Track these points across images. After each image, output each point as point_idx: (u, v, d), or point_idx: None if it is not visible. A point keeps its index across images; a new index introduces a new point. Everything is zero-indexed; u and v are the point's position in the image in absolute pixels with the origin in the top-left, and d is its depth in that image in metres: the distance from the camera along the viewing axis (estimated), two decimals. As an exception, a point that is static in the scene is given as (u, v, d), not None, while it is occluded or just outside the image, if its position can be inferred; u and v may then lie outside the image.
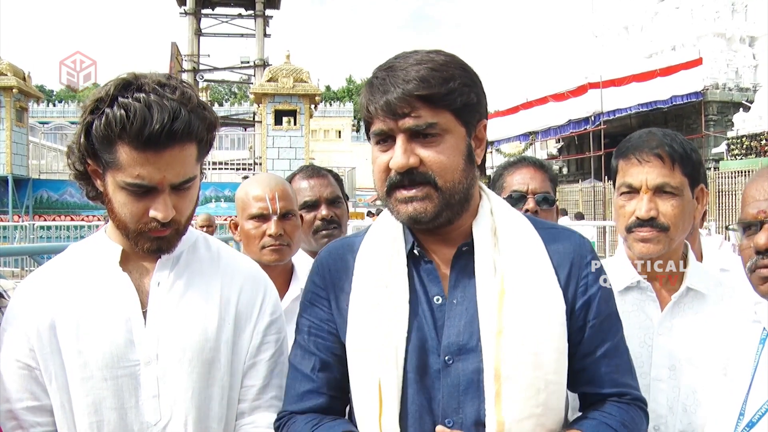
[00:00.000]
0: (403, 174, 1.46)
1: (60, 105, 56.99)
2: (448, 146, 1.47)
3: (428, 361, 1.50)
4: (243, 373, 1.76)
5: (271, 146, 21.73)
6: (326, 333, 1.63)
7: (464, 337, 1.49)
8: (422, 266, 1.57)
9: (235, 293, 1.77)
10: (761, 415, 1.52)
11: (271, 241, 2.32)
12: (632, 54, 28.52)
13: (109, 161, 1.58)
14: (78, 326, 1.63)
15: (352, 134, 57.68)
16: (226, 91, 71.95)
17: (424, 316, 1.52)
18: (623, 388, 1.59)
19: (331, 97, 66.41)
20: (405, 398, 1.49)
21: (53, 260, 1.80)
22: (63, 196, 22.81)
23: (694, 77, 24.15)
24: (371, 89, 1.49)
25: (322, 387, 1.63)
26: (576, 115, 27.11)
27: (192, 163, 1.64)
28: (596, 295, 1.57)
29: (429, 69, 1.44)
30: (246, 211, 2.37)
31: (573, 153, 31.49)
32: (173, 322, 1.68)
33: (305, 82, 21.58)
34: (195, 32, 31.64)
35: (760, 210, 1.53)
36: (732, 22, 26.90)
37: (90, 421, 1.62)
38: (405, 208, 1.49)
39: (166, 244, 1.68)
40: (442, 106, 1.45)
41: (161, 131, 1.53)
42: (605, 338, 1.58)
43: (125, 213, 1.62)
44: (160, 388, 1.65)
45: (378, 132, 1.48)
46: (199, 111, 1.62)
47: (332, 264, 1.66)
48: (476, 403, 1.47)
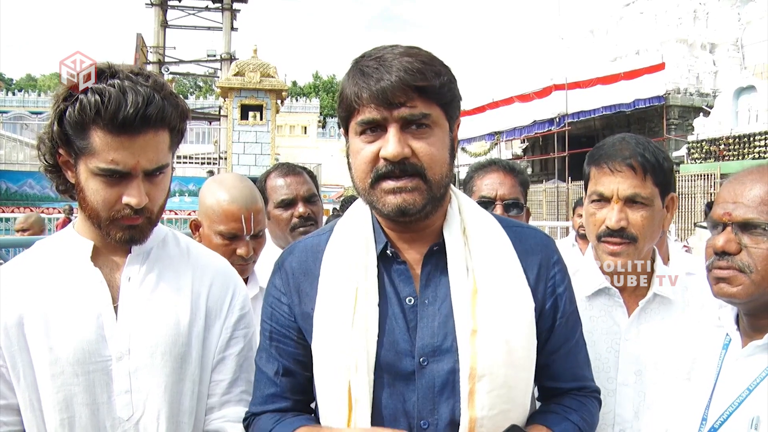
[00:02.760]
0: (395, 164, 1.42)
1: (20, 94, 55.69)
2: (437, 139, 1.46)
3: (401, 364, 1.48)
4: (212, 368, 1.76)
5: (237, 141, 21.52)
6: (287, 339, 1.61)
7: (439, 338, 1.48)
8: (393, 267, 1.54)
9: (206, 288, 1.77)
10: (723, 420, 1.54)
11: (239, 260, 2.28)
12: (597, 57, 28.88)
13: (83, 147, 1.57)
14: (48, 322, 1.61)
15: (318, 130, 57.39)
16: (191, 84, 71.09)
17: (395, 318, 1.50)
18: (582, 382, 1.66)
19: (298, 93, 65.96)
20: (378, 402, 1.48)
21: (19, 257, 1.77)
22: (22, 187, 22.30)
23: (657, 81, 24.52)
24: (363, 77, 1.43)
25: (286, 392, 1.63)
26: (541, 116, 27.37)
27: (165, 150, 1.64)
28: (563, 295, 1.60)
29: (420, 62, 1.42)
30: (215, 225, 2.29)
31: (537, 153, 31.78)
32: (145, 317, 1.66)
33: (272, 77, 21.41)
34: (161, 24, 31.17)
35: (725, 212, 1.56)
36: (694, 28, 27.38)
37: (61, 418, 1.59)
38: (393, 200, 1.44)
39: (139, 233, 1.66)
40: (434, 99, 1.44)
41: (135, 115, 1.53)
42: (569, 336, 1.62)
43: (98, 200, 1.61)
44: (132, 383, 1.64)
45: (367, 121, 1.43)
46: (172, 98, 1.63)
47: (296, 267, 1.62)
48: (451, 403, 1.46)
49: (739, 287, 1.53)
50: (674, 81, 25.63)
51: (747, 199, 1.54)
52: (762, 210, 1.51)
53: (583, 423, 1.59)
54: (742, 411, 1.52)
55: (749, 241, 1.53)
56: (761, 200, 1.52)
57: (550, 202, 24.65)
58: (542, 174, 30.49)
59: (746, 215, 1.53)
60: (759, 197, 1.52)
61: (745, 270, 1.52)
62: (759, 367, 1.54)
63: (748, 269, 1.52)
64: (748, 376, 1.54)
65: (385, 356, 1.48)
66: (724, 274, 1.55)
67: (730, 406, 1.54)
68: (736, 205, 1.55)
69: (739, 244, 1.54)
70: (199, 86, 70.15)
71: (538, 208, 23.80)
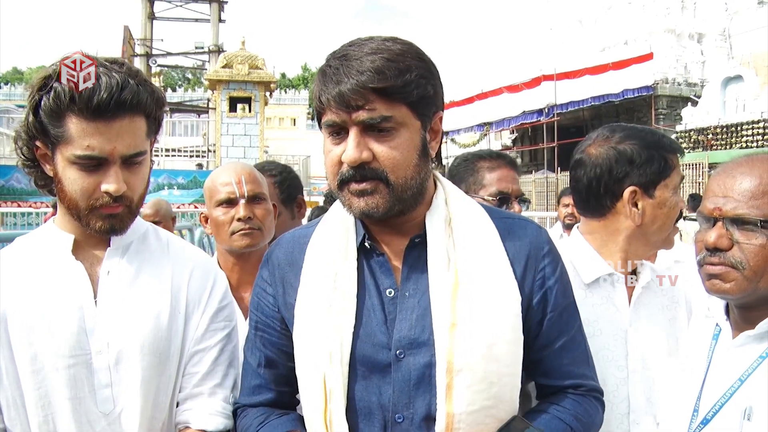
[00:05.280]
0: (355, 168, 1.41)
1: (6, 87, 55.27)
2: (402, 141, 1.42)
3: (377, 356, 1.46)
4: (187, 360, 1.74)
5: (226, 133, 21.41)
6: (271, 329, 1.61)
7: (416, 331, 1.46)
8: (374, 258, 1.53)
9: (185, 280, 1.76)
10: (715, 412, 1.53)
11: (240, 225, 2.26)
12: (586, 47, 28.90)
13: (59, 136, 1.56)
14: (29, 317, 1.59)
15: (307, 122, 57.16)
16: (179, 76, 70.71)
17: (373, 310, 1.49)
18: (579, 380, 1.59)
19: (287, 85, 65.77)
20: (352, 394, 1.46)
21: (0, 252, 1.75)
22: (9, 181, 22.08)
23: (645, 72, 24.62)
24: (324, 79, 1.41)
25: (270, 383, 1.63)
26: (530, 106, 27.41)
27: (142, 137, 1.62)
28: (554, 287, 1.55)
29: (384, 59, 1.38)
30: (213, 198, 2.32)
31: (527, 144, 31.83)
32: (124, 310, 1.65)
33: (260, 69, 21.30)
34: (148, 16, 30.97)
35: (716, 207, 1.53)
36: (682, 18, 27.46)
37: (45, 414, 1.58)
38: (358, 202, 1.44)
39: (119, 222, 1.64)
40: (398, 99, 1.39)
41: (110, 99, 1.52)
42: (563, 330, 1.57)
43: (76, 190, 1.59)
44: (113, 377, 1.63)
45: (330, 123, 1.42)
46: (146, 85, 1.61)
47: (282, 258, 1.62)
48: (427, 398, 1.44)
49: (732, 283, 1.51)
50: (662, 71, 25.72)
51: (737, 193, 1.51)
52: (753, 204, 1.49)
53: (576, 423, 1.52)
54: (735, 401, 1.50)
55: (741, 237, 1.50)
56: (752, 194, 1.50)
57: (539, 193, 24.72)
58: (531, 165, 30.54)
59: (737, 211, 1.50)
60: (749, 191, 1.50)
61: (738, 266, 1.50)
62: (750, 357, 1.52)
63: (740, 265, 1.50)
64: (739, 366, 1.53)
65: (361, 348, 1.47)
66: (717, 270, 1.53)
67: (722, 397, 1.53)
68: (726, 200, 1.52)
69: (731, 240, 1.51)
70: (188, 79, 69.78)
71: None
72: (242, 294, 2.29)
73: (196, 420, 1.71)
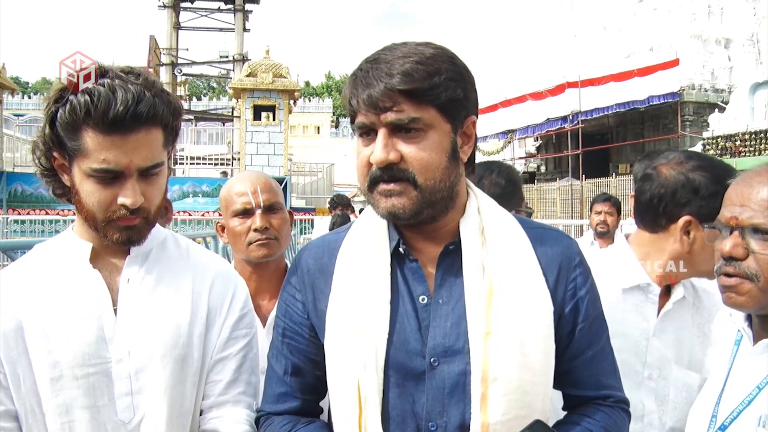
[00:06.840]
0: (383, 169, 1.42)
1: (35, 97, 56.12)
2: (430, 143, 1.42)
3: (411, 363, 1.45)
4: (210, 368, 1.73)
5: (250, 141, 21.62)
6: (300, 336, 1.60)
7: (451, 339, 1.45)
8: (407, 264, 1.52)
9: (207, 288, 1.75)
10: (733, 418, 1.51)
11: (257, 236, 2.26)
12: (610, 54, 28.73)
13: (75, 149, 1.55)
14: (47, 325, 1.59)
15: (330, 130, 57.52)
16: (204, 85, 71.45)
17: (407, 317, 1.48)
18: (608, 391, 1.59)
19: (311, 93, 66.18)
20: (386, 402, 1.45)
21: (18, 261, 1.76)
22: (38, 189, 22.39)
23: (671, 78, 24.37)
24: (354, 82, 1.44)
25: (295, 391, 1.62)
26: (554, 113, 27.26)
27: (159, 148, 1.61)
28: (585, 298, 1.55)
29: (414, 62, 1.39)
30: (230, 208, 2.32)
31: (551, 151, 31.67)
32: (145, 318, 1.65)
33: (284, 77, 21.48)
34: (174, 26, 31.36)
35: (732, 215, 1.51)
36: (708, 24, 27.19)
37: (62, 422, 1.58)
38: (385, 202, 1.44)
39: (136, 234, 1.64)
40: (426, 101, 1.40)
41: (126, 113, 1.51)
42: (592, 341, 1.57)
43: (93, 202, 1.59)
44: (133, 386, 1.62)
45: (360, 125, 1.44)
46: (163, 96, 1.60)
47: (311, 264, 1.61)
48: (461, 406, 1.42)
49: (746, 296, 1.49)
50: (689, 77, 25.45)
51: (754, 202, 1.49)
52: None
53: None
54: (752, 409, 1.48)
55: (756, 247, 1.48)
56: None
57: (564, 200, 24.57)
58: (556, 172, 30.40)
59: (753, 220, 1.48)
60: (766, 201, 1.48)
61: (752, 278, 1.48)
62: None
63: (755, 277, 1.48)
64: (759, 373, 1.51)
65: (395, 355, 1.46)
66: (732, 282, 1.51)
67: (740, 404, 1.51)
68: (743, 209, 1.50)
69: (747, 249, 1.49)
70: (212, 87, 70.48)
71: (551, 206, 23.73)
72: (259, 302, 2.29)
73: (224, 428, 1.70)
